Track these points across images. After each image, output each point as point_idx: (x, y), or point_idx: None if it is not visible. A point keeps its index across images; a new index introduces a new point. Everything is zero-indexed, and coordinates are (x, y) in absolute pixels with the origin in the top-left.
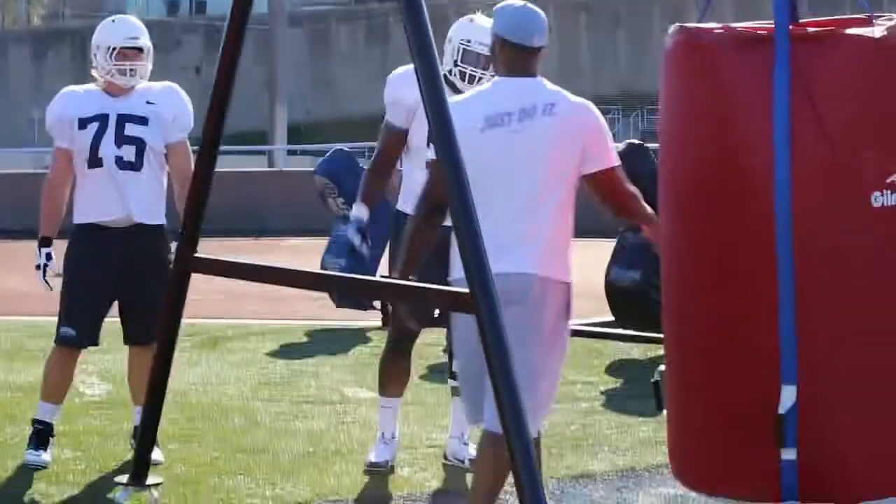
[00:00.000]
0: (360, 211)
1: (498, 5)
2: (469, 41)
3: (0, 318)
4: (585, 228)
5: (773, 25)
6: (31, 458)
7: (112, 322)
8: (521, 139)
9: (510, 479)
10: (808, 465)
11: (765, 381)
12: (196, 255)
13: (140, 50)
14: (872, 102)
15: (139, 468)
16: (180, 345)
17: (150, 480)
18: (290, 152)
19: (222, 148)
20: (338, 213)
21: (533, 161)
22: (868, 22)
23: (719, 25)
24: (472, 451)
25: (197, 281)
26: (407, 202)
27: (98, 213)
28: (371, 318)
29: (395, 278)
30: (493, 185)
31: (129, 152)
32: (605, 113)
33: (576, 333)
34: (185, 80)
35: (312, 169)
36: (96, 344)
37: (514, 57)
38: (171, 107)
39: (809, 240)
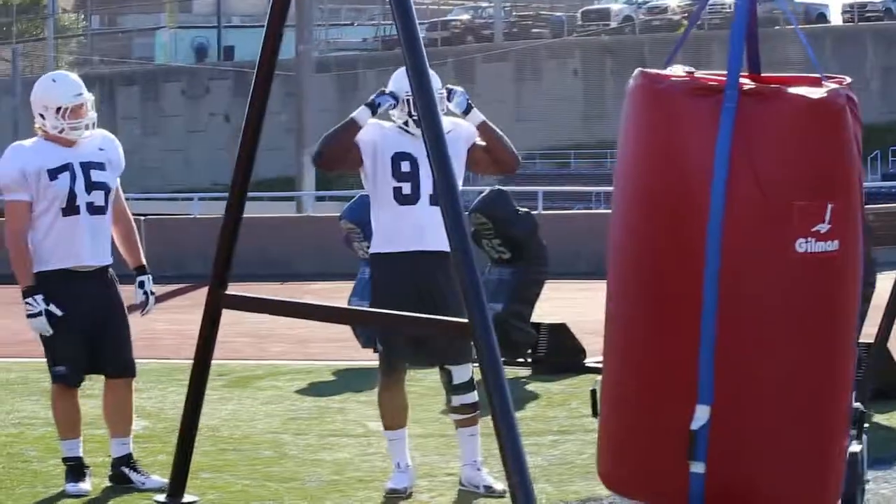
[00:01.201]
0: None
1: None
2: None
3: (31, 359)
4: (601, 270)
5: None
6: (71, 489)
7: (145, 362)
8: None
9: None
10: (715, 480)
11: (682, 400)
12: (227, 292)
13: (83, 104)
14: (805, 157)
15: (176, 485)
16: (212, 383)
17: (186, 499)
18: (319, 198)
19: (252, 194)
20: (363, 256)
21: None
22: (818, 81)
23: (680, 72)
24: (486, 476)
25: (225, 325)
26: (380, 243)
27: (74, 260)
28: None
29: None
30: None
31: (98, 197)
32: None
33: (590, 370)
34: (214, 127)
35: (336, 214)
36: (83, 380)
37: None
38: (115, 152)
39: (735, 278)
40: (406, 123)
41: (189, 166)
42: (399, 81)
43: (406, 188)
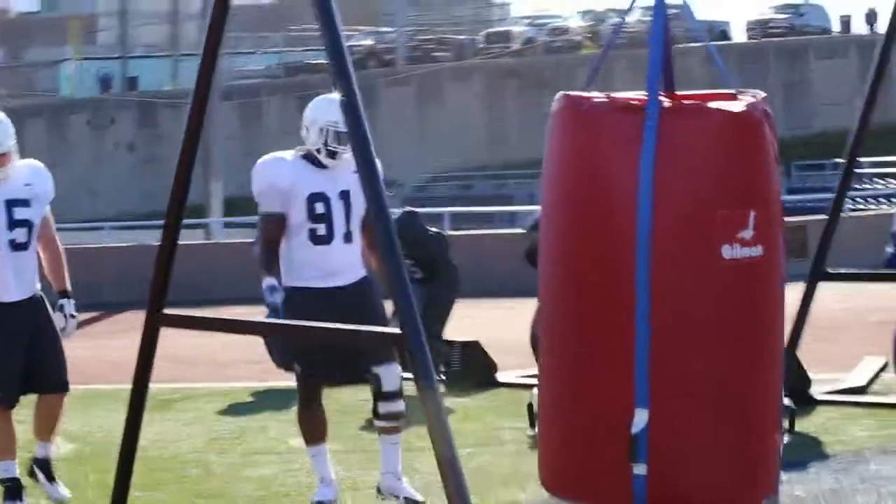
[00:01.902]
0: (271, 281)
1: None
2: (336, 123)
3: None
4: (509, 289)
5: (645, 97)
6: None
7: (73, 389)
8: None
9: None
10: (656, 480)
11: (620, 406)
12: (164, 312)
13: (7, 153)
14: (727, 168)
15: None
16: None
17: None
18: (226, 224)
19: (158, 222)
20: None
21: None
22: (733, 97)
23: (601, 94)
24: (407, 486)
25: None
26: (293, 278)
27: (5, 293)
28: None
29: None
30: None
31: (20, 234)
32: (535, 177)
33: (503, 385)
34: (119, 157)
35: (250, 240)
36: (17, 402)
37: None
38: (43, 184)
39: (666, 285)
40: (318, 151)
41: (94, 196)
42: (319, 110)
43: (321, 229)
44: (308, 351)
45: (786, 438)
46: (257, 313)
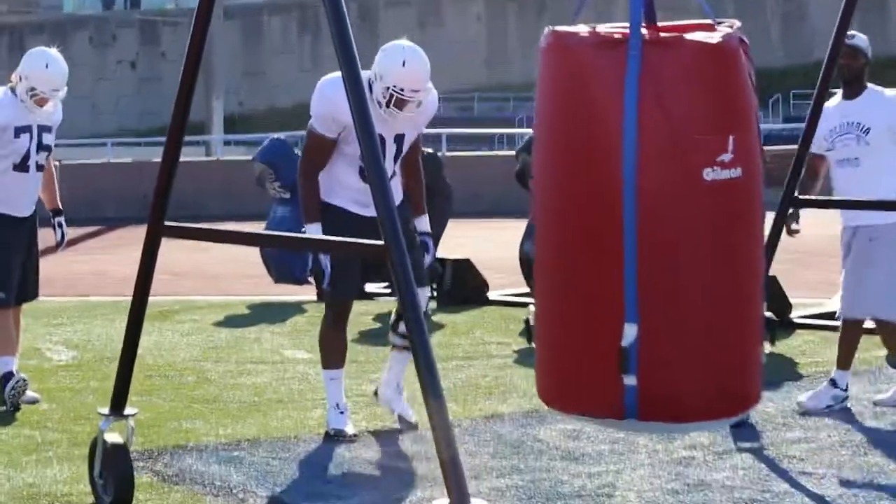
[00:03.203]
0: (317, 230)
1: None
2: (403, 90)
3: None
4: (500, 210)
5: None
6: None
7: (66, 300)
8: None
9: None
10: (646, 390)
11: (611, 319)
12: (166, 223)
13: (52, 99)
14: (706, 96)
15: (118, 400)
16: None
17: (127, 411)
18: (226, 142)
19: (159, 139)
20: (275, 196)
21: None
22: (711, 27)
23: (587, 28)
24: (405, 403)
25: (137, 265)
26: (333, 196)
27: (19, 209)
28: (306, 293)
29: None
30: None
31: (42, 157)
32: (532, 99)
33: (493, 303)
34: (121, 75)
35: (248, 157)
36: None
37: None
38: (59, 111)
39: (652, 206)
40: (379, 104)
41: (96, 113)
42: (391, 67)
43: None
44: (340, 270)
45: (766, 351)
46: (257, 230)
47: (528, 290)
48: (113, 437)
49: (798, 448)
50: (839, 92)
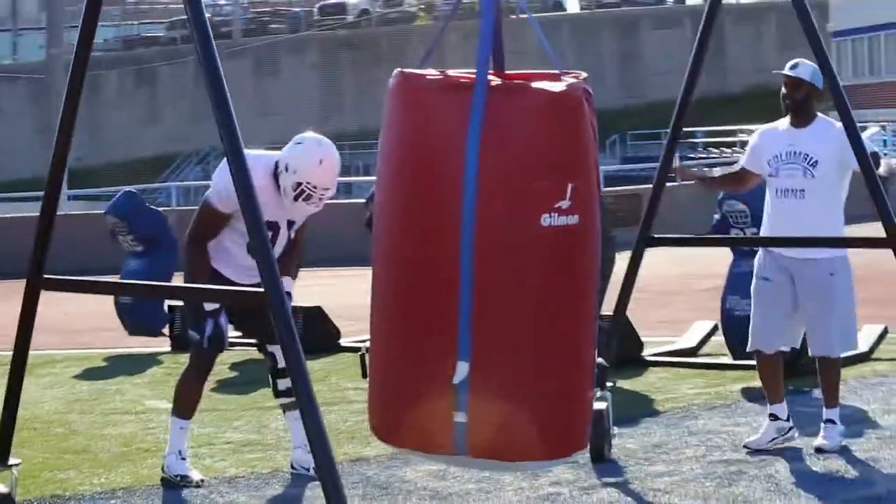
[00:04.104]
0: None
1: None
2: (315, 188)
3: None
4: (345, 258)
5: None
6: None
7: None
8: None
9: None
10: (474, 427)
11: (443, 358)
12: (45, 275)
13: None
14: (548, 144)
15: (1, 450)
16: None
17: (12, 461)
18: (72, 197)
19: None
20: (128, 249)
21: None
22: (557, 77)
23: (434, 72)
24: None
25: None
26: (219, 264)
27: None
28: (160, 345)
29: None
30: None
31: None
32: (369, 147)
33: (345, 349)
34: None
35: (94, 212)
36: None
37: None
38: None
39: (488, 247)
40: (285, 191)
41: None
42: (304, 164)
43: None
44: (217, 328)
45: (600, 395)
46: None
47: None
48: None
49: (662, 481)
50: (784, 119)
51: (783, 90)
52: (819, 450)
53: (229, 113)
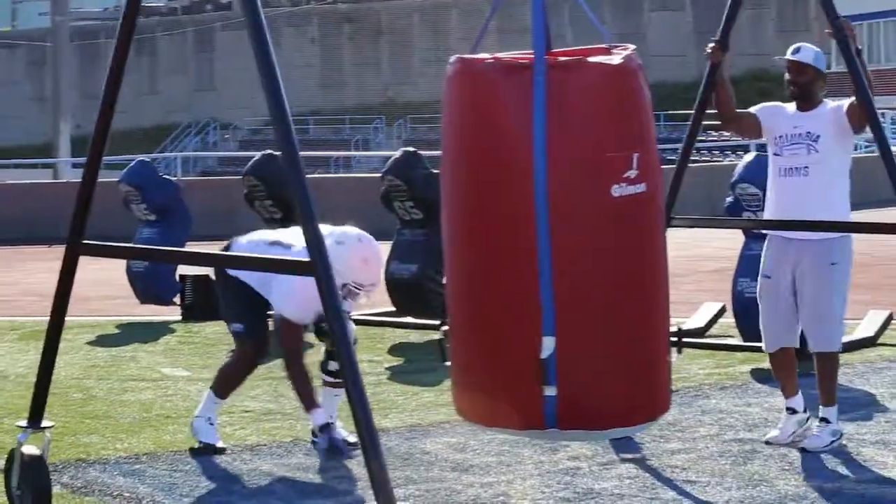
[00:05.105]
0: (321, 417)
1: None
2: (362, 286)
3: None
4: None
5: (532, 55)
6: None
7: None
8: None
9: None
10: (565, 400)
11: (527, 334)
12: (84, 241)
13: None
14: (610, 116)
15: (35, 413)
16: (8, 336)
17: (44, 423)
18: (75, 164)
19: (6, 161)
20: (141, 218)
21: None
22: (607, 51)
23: (490, 56)
24: (342, 429)
25: (6, 285)
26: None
27: None
28: (171, 313)
29: None
30: None
31: None
32: (368, 122)
33: (359, 322)
34: None
35: (100, 180)
36: None
37: None
38: None
39: (564, 226)
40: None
41: None
42: (350, 264)
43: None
44: (253, 319)
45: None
46: None
47: (389, 309)
48: (31, 449)
49: (679, 458)
50: (791, 103)
51: (787, 76)
52: (804, 450)
53: (275, 76)
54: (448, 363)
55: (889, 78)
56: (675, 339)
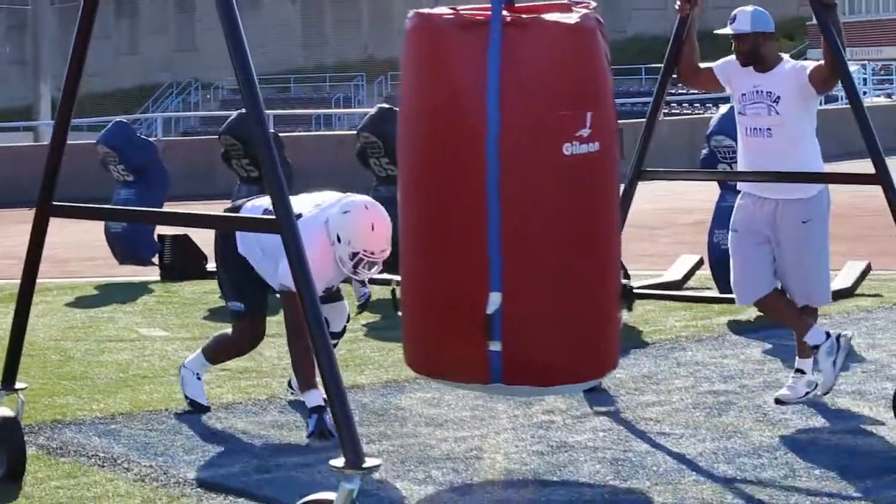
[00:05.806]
0: (316, 398)
1: None
2: (373, 253)
3: None
4: (340, 187)
5: (489, 11)
6: None
7: None
8: None
9: None
10: (510, 355)
11: (474, 288)
12: (53, 202)
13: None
14: (565, 74)
15: (9, 375)
16: None
17: (18, 385)
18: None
19: None
20: (119, 179)
21: None
22: (568, 7)
23: (448, 10)
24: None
25: None
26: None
27: None
28: (149, 274)
29: None
30: None
31: None
32: (349, 80)
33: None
34: None
35: (75, 142)
36: None
37: None
38: None
39: (514, 181)
40: (342, 262)
41: None
42: (360, 232)
43: None
44: (253, 296)
45: (624, 317)
46: None
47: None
48: (4, 411)
49: (653, 411)
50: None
51: (734, 48)
52: (778, 401)
53: (244, 52)
54: (400, 314)
55: (870, 30)
56: (625, 295)
